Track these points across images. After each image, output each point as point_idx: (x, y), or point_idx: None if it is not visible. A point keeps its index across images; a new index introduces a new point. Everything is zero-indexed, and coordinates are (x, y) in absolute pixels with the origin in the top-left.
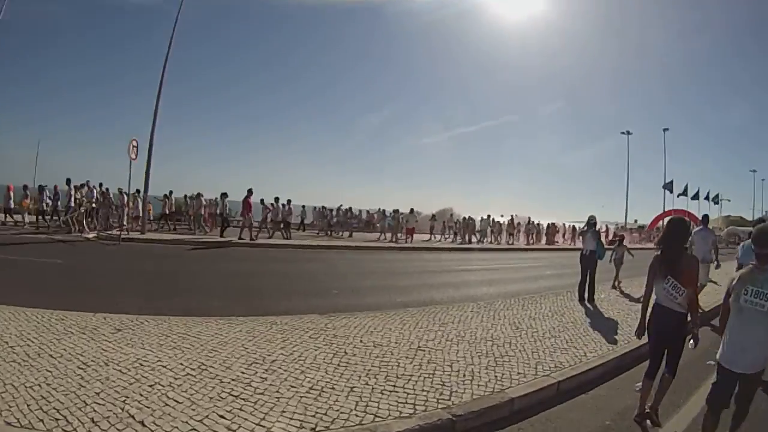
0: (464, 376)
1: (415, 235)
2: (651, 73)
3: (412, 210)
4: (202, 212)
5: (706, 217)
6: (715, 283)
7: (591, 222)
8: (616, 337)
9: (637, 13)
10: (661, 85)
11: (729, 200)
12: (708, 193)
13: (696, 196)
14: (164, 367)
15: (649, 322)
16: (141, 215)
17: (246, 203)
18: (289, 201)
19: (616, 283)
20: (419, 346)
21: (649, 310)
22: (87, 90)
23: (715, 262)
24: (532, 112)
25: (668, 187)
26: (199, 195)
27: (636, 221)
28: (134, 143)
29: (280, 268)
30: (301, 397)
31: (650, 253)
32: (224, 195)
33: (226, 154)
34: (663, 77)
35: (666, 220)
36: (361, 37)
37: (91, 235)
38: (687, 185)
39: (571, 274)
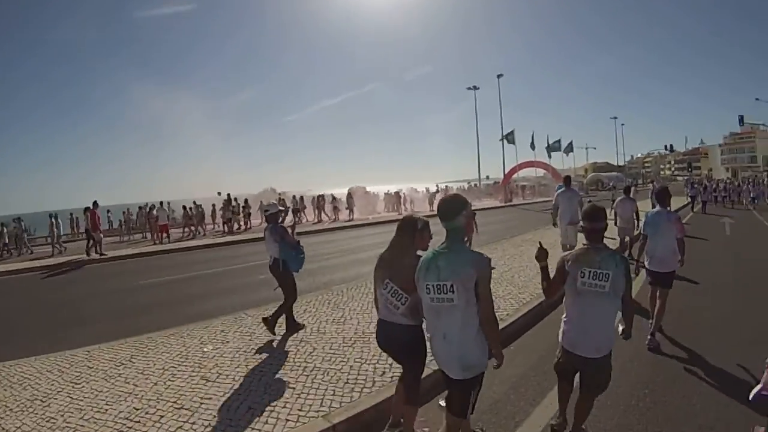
0: None
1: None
2: (512, 25)
3: (161, 203)
4: None
5: (568, 178)
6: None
7: (268, 210)
8: None
9: None
10: (523, 36)
11: (595, 148)
12: (559, 141)
13: (551, 147)
14: None
15: (379, 341)
16: None
17: (93, 215)
18: None
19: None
20: None
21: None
22: None
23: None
24: (396, 77)
25: (509, 138)
26: None
27: (488, 177)
28: None
29: None
30: None
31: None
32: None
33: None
34: (524, 30)
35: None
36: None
37: None
38: (533, 134)
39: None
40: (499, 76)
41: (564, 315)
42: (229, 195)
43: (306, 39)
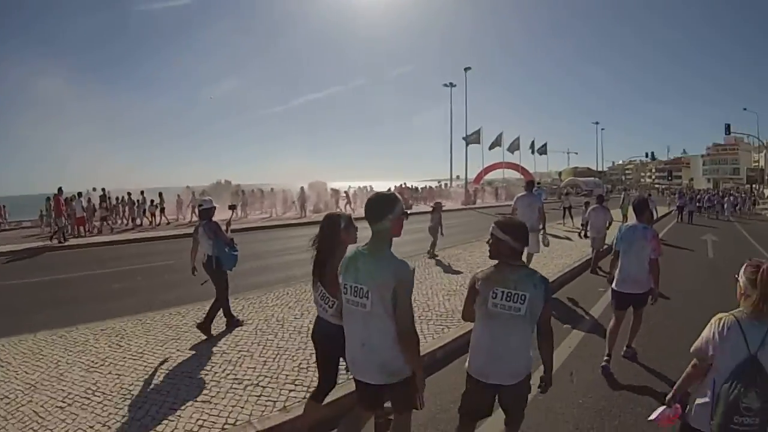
0: None
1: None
2: (495, 27)
3: (79, 194)
4: None
5: (531, 182)
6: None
7: (201, 206)
8: None
9: None
10: (506, 39)
11: (576, 153)
12: (533, 143)
13: (512, 148)
14: None
15: (312, 333)
16: None
17: (57, 201)
18: None
19: (432, 251)
20: None
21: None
22: None
23: (542, 233)
24: (380, 75)
25: (471, 139)
26: None
27: (458, 177)
28: None
29: None
30: None
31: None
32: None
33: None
34: (507, 33)
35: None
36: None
37: None
38: (500, 134)
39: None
40: (466, 69)
41: (471, 341)
42: (103, 189)
43: (292, 34)
